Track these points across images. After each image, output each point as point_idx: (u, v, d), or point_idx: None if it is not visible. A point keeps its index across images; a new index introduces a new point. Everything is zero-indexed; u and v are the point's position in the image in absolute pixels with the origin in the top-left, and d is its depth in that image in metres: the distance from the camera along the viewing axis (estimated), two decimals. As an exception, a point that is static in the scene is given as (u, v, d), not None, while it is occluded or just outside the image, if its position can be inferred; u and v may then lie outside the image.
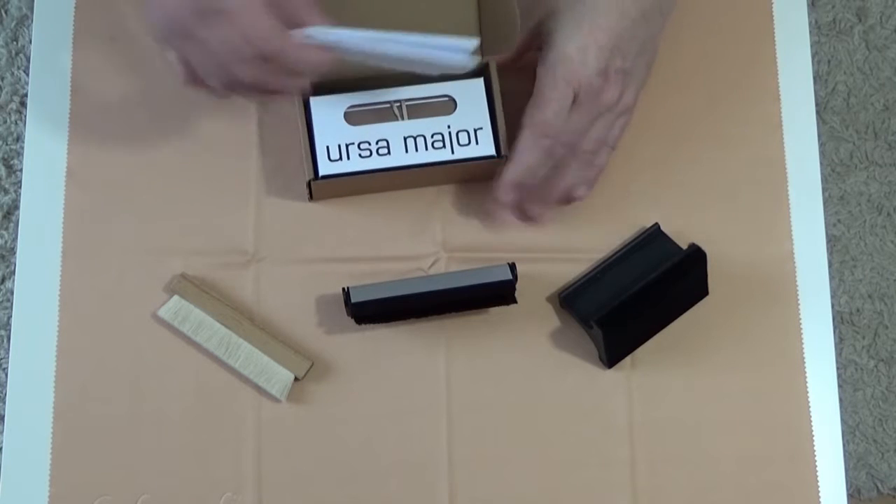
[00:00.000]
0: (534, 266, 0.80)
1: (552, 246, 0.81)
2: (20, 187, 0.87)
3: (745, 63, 0.85)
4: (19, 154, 1.24)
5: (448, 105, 0.78)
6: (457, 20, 0.78)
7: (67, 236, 0.79)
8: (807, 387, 0.80)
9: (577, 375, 0.79)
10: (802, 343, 0.81)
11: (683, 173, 0.83)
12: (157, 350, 0.77)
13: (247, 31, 0.60)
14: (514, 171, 0.74)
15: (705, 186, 0.83)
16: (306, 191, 0.78)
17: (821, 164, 0.85)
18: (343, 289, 0.76)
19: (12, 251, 1.21)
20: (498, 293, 0.76)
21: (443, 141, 0.77)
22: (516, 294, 0.77)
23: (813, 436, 0.79)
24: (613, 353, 0.78)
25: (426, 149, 0.76)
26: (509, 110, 0.77)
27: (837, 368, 0.81)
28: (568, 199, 0.77)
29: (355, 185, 0.78)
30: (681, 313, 0.80)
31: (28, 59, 1.11)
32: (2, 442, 0.77)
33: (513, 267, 0.76)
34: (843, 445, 0.80)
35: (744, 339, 0.81)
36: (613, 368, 0.79)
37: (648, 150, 0.83)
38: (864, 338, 1.29)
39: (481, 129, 0.77)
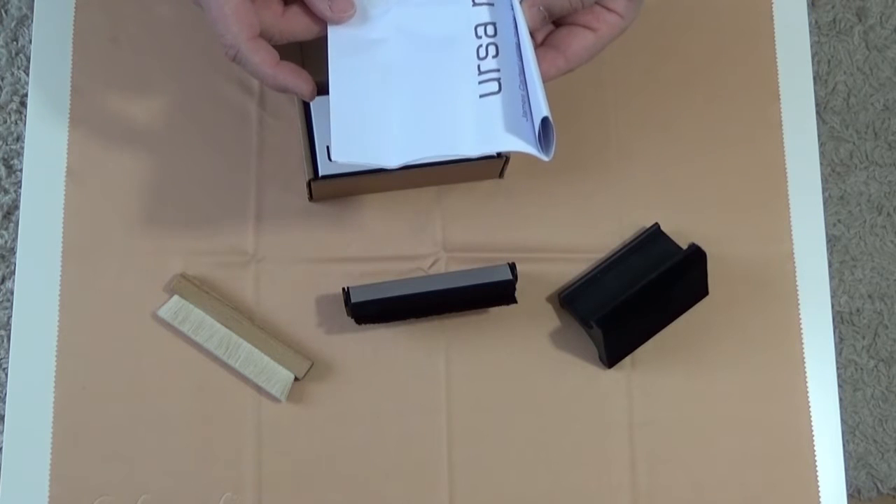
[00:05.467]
0: (534, 266, 0.80)
1: (552, 246, 0.81)
2: (20, 187, 0.87)
3: (745, 63, 0.85)
4: (19, 154, 1.24)
5: (448, 105, 0.78)
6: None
7: (67, 236, 0.79)
8: (807, 387, 0.80)
9: (577, 375, 0.79)
10: (802, 343, 0.81)
11: (683, 173, 0.83)
12: (157, 350, 0.78)
13: (215, 28, 0.62)
14: None
15: (705, 186, 0.83)
16: (306, 191, 0.78)
17: (821, 164, 0.85)
18: (343, 289, 0.76)
19: (12, 251, 1.21)
20: (498, 293, 0.76)
21: (443, 141, 0.76)
22: (516, 294, 0.77)
23: (813, 436, 0.79)
24: (613, 353, 0.78)
25: (426, 149, 0.76)
26: (509, 110, 0.77)
27: (837, 368, 0.81)
28: None
29: (355, 185, 0.78)
30: (681, 313, 0.80)
31: (28, 59, 1.11)
32: (2, 442, 0.77)
33: (513, 267, 0.77)
34: (843, 445, 0.80)
35: (744, 339, 0.81)
36: (613, 368, 0.79)
37: (648, 150, 0.83)
38: (864, 338, 1.29)
39: (481, 129, 0.77)
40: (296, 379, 0.77)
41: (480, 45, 0.64)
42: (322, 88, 0.77)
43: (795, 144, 0.84)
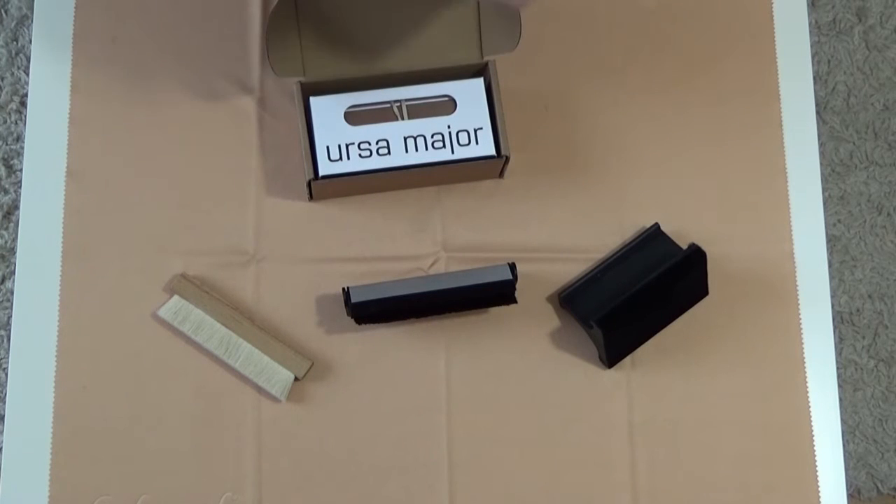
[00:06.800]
0: (534, 266, 0.80)
1: (552, 246, 0.81)
2: (20, 187, 0.87)
3: (745, 63, 0.85)
4: (19, 154, 1.24)
5: (448, 105, 0.78)
6: (457, 20, 0.78)
7: (67, 236, 0.79)
8: (807, 387, 0.80)
9: (577, 375, 0.79)
10: (802, 343, 0.81)
11: (683, 173, 0.83)
12: (157, 350, 0.78)
13: None
14: None
15: (705, 186, 0.83)
16: (306, 191, 0.78)
17: (821, 164, 0.85)
18: (343, 289, 0.76)
19: (12, 251, 1.21)
20: (498, 293, 0.76)
21: (443, 141, 0.77)
22: (516, 294, 0.77)
23: (813, 436, 0.79)
24: (613, 353, 0.78)
25: (426, 149, 0.76)
26: (509, 110, 0.77)
27: (837, 368, 0.81)
28: None
29: (355, 185, 0.78)
30: (681, 313, 0.80)
31: (28, 59, 1.11)
32: (2, 442, 0.77)
33: (513, 267, 0.77)
34: (843, 445, 0.80)
35: (744, 339, 0.81)
36: (613, 368, 0.79)
37: (648, 150, 0.83)
38: (864, 338, 1.29)
39: (481, 129, 0.77)
40: (296, 379, 0.77)
41: None
42: (321, 88, 0.77)
43: (795, 144, 0.84)
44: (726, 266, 0.81)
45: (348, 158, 0.76)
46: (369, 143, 0.76)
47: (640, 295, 0.76)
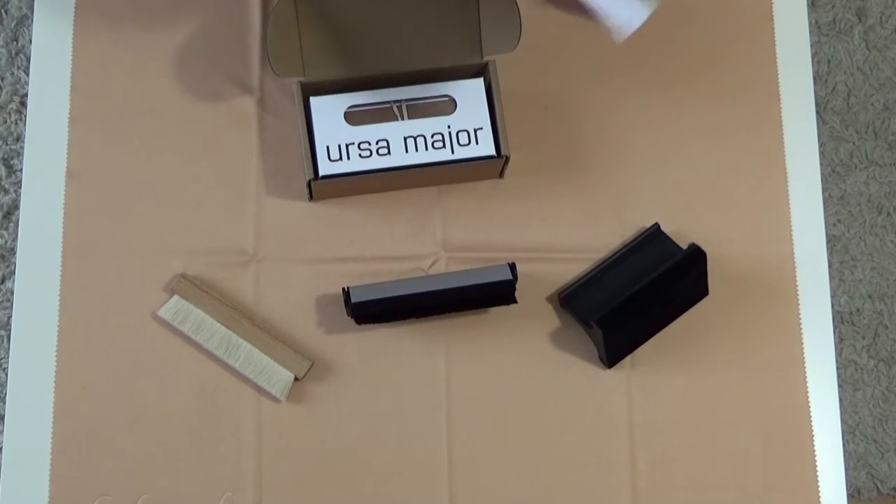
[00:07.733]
0: (534, 266, 0.80)
1: (552, 246, 0.81)
2: (20, 187, 0.87)
3: (745, 63, 0.85)
4: (19, 154, 1.24)
5: (448, 105, 0.78)
6: (457, 20, 0.78)
7: (67, 236, 0.79)
8: (807, 387, 0.80)
9: (577, 375, 0.79)
10: (802, 343, 0.81)
11: (683, 173, 0.83)
12: (157, 350, 0.77)
13: None
14: None
15: (705, 186, 0.83)
16: (306, 191, 0.78)
17: (821, 164, 0.85)
18: (343, 289, 0.76)
19: (12, 251, 1.21)
20: (498, 293, 0.76)
21: (443, 141, 0.77)
22: (516, 294, 0.77)
23: (813, 436, 0.79)
24: (613, 353, 0.78)
25: (426, 149, 0.76)
26: (509, 110, 0.77)
27: (837, 368, 0.81)
28: None
29: (355, 185, 0.78)
30: (681, 313, 0.80)
31: (28, 59, 1.11)
32: (2, 442, 0.77)
33: (513, 267, 0.77)
34: (843, 445, 0.80)
35: (744, 339, 0.81)
36: (613, 368, 0.79)
37: (648, 150, 0.83)
38: (864, 338, 1.29)
39: (481, 129, 0.77)
40: (296, 379, 0.77)
41: None
42: (321, 88, 0.77)
43: (795, 144, 0.84)
44: (726, 266, 0.81)
45: (348, 158, 0.76)
46: (369, 143, 0.76)
47: (640, 295, 0.76)
